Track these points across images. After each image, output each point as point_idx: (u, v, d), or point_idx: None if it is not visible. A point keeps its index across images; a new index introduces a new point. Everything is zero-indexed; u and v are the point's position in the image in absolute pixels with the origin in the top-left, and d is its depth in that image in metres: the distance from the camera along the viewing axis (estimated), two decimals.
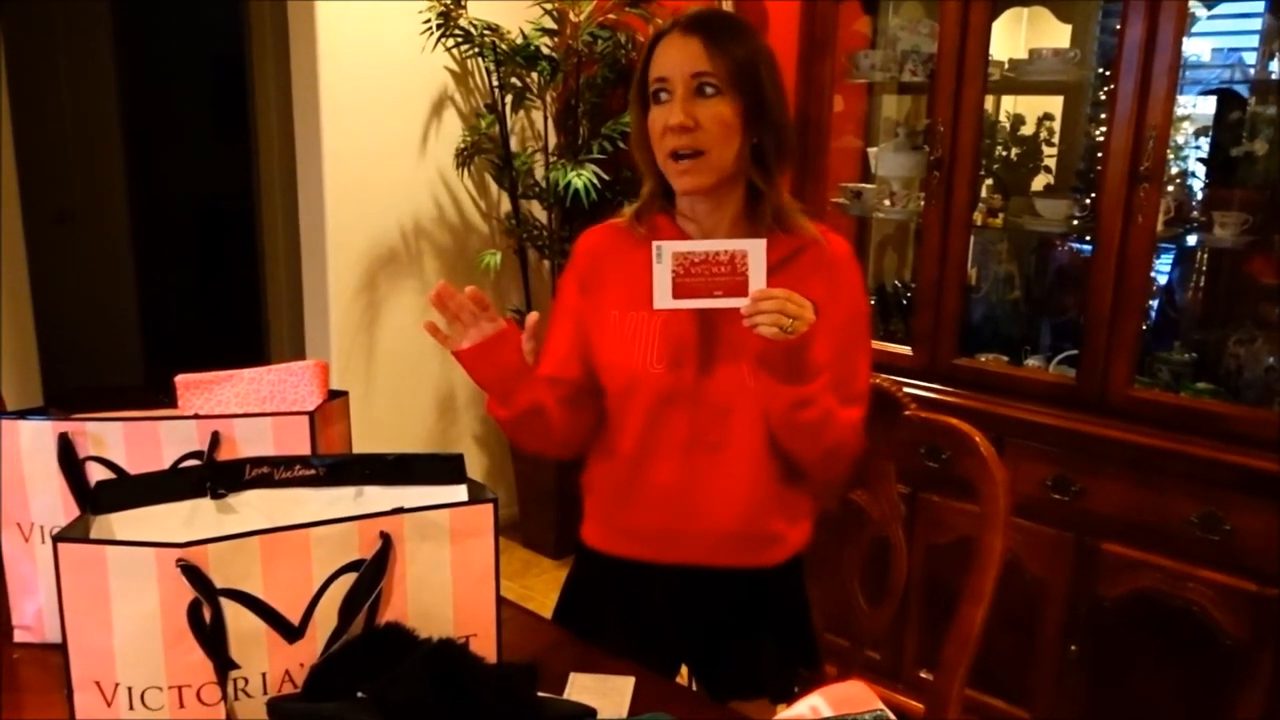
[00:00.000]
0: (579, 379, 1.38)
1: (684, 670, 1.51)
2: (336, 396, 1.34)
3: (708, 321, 1.32)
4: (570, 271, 1.44)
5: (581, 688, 1.16)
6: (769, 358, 1.25)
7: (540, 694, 0.96)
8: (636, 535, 1.39)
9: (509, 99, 3.15)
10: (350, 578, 0.97)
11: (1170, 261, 2.37)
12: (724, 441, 1.33)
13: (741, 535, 1.37)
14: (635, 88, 1.35)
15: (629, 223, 1.41)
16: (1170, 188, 2.19)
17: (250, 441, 1.21)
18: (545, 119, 3.27)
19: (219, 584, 0.91)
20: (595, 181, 2.99)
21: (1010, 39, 2.52)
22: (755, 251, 1.19)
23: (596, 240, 1.44)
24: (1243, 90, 2.22)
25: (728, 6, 2.89)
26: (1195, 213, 2.24)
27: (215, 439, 1.20)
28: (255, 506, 1.08)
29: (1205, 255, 2.35)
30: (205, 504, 1.07)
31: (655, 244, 1.20)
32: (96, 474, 1.18)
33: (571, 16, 3.08)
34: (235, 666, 0.93)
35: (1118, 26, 2.04)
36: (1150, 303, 2.24)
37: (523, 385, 1.28)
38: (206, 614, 0.91)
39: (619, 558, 1.42)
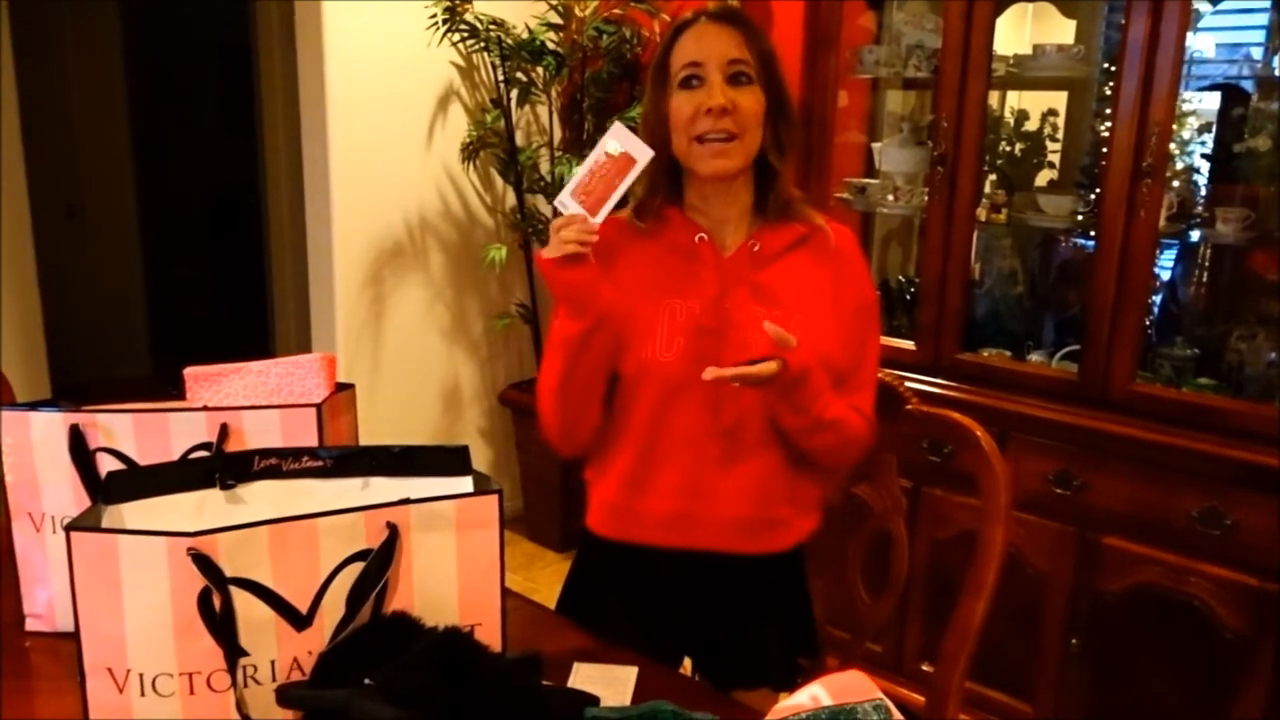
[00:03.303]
0: (606, 329, 1.38)
1: (687, 663, 1.52)
2: (343, 389, 1.35)
3: (719, 309, 1.33)
4: None
5: (585, 677, 1.17)
6: (777, 405, 1.30)
7: (544, 683, 0.97)
8: (645, 521, 1.40)
9: (514, 94, 3.16)
10: (357, 567, 0.98)
11: (1173, 257, 2.38)
12: (735, 428, 1.35)
13: (750, 520, 1.38)
14: (655, 73, 1.37)
15: (629, 219, 1.42)
16: (1174, 183, 2.19)
17: (258, 433, 1.23)
18: (550, 113, 3.28)
19: (229, 573, 0.92)
20: None
21: (1015, 34, 2.52)
22: (618, 133, 1.26)
23: (604, 233, 1.44)
24: (1248, 86, 2.22)
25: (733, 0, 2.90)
26: (1198, 208, 2.24)
27: (224, 431, 1.22)
28: (263, 497, 1.09)
29: (1208, 251, 2.35)
30: (214, 495, 1.09)
31: (556, 202, 1.28)
32: (107, 465, 1.20)
33: (577, 11, 3.09)
34: (245, 654, 0.95)
35: (1122, 22, 2.05)
36: (1153, 298, 2.24)
37: (599, 294, 1.30)
38: (216, 602, 0.92)
39: (626, 544, 1.43)
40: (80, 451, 1.20)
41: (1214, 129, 2.25)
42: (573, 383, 1.35)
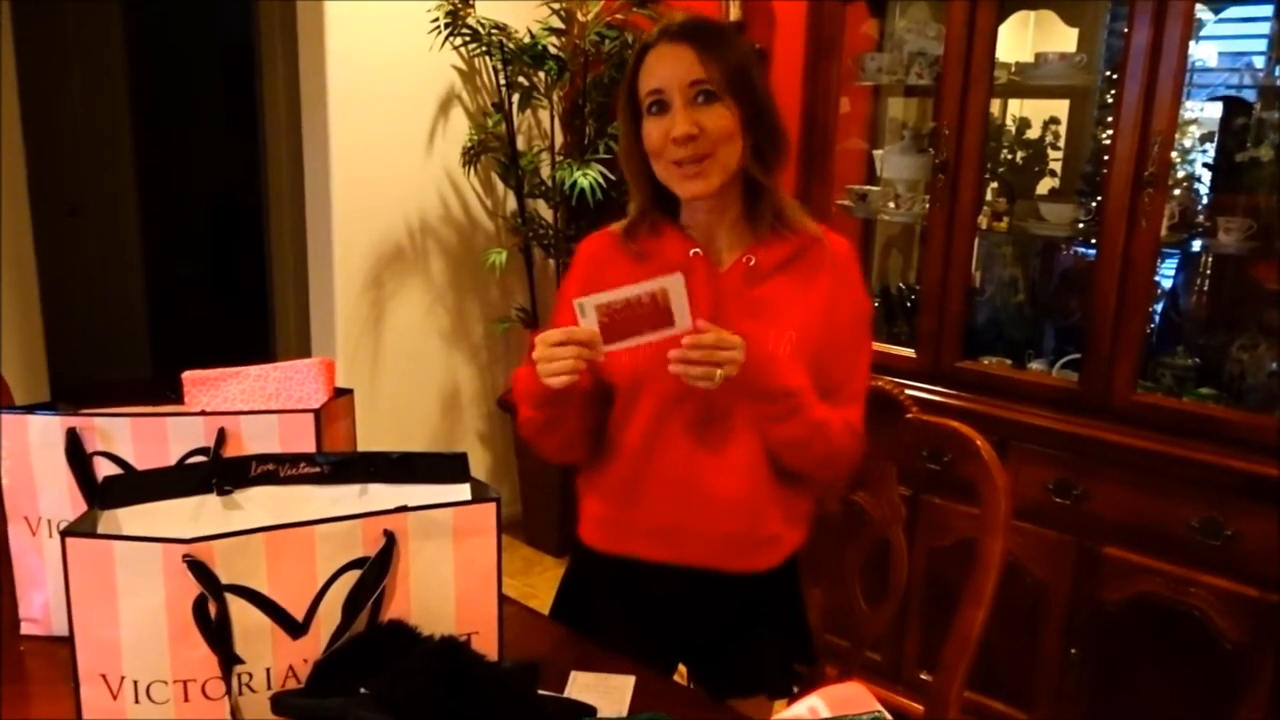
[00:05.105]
0: (587, 387, 1.38)
1: (683, 669, 1.52)
2: (342, 394, 1.35)
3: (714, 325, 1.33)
4: (572, 278, 1.44)
5: (582, 686, 1.17)
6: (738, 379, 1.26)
7: (541, 692, 0.97)
8: (637, 534, 1.39)
9: (516, 98, 3.16)
10: (354, 575, 0.98)
11: (1174, 266, 2.38)
12: (726, 443, 1.34)
13: (741, 537, 1.37)
14: (624, 100, 1.35)
15: (622, 240, 1.40)
16: (1176, 193, 2.19)
17: (256, 438, 1.22)
18: (552, 118, 3.28)
19: (225, 579, 0.92)
20: (601, 181, 3.00)
21: (1017, 42, 2.52)
22: (675, 288, 1.20)
23: (598, 246, 1.44)
24: (1250, 95, 2.22)
25: (735, 8, 2.90)
26: (1200, 218, 2.24)
27: (221, 436, 1.21)
28: (260, 503, 1.09)
29: (1209, 260, 2.35)
30: (211, 500, 1.08)
31: (576, 302, 1.22)
32: (104, 469, 1.19)
33: (579, 16, 3.09)
34: (240, 661, 0.94)
35: (1124, 30, 2.05)
36: (1154, 307, 2.24)
37: (570, 399, 1.31)
38: (212, 609, 0.92)
39: (618, 557, 1.42)
40: (77, 455, 1.19)
41: (1216, 138, 2.25)
42: (553, 440, 1.39)
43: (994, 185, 2.52)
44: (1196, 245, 2.26)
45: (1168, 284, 2.37)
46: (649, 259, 1.38)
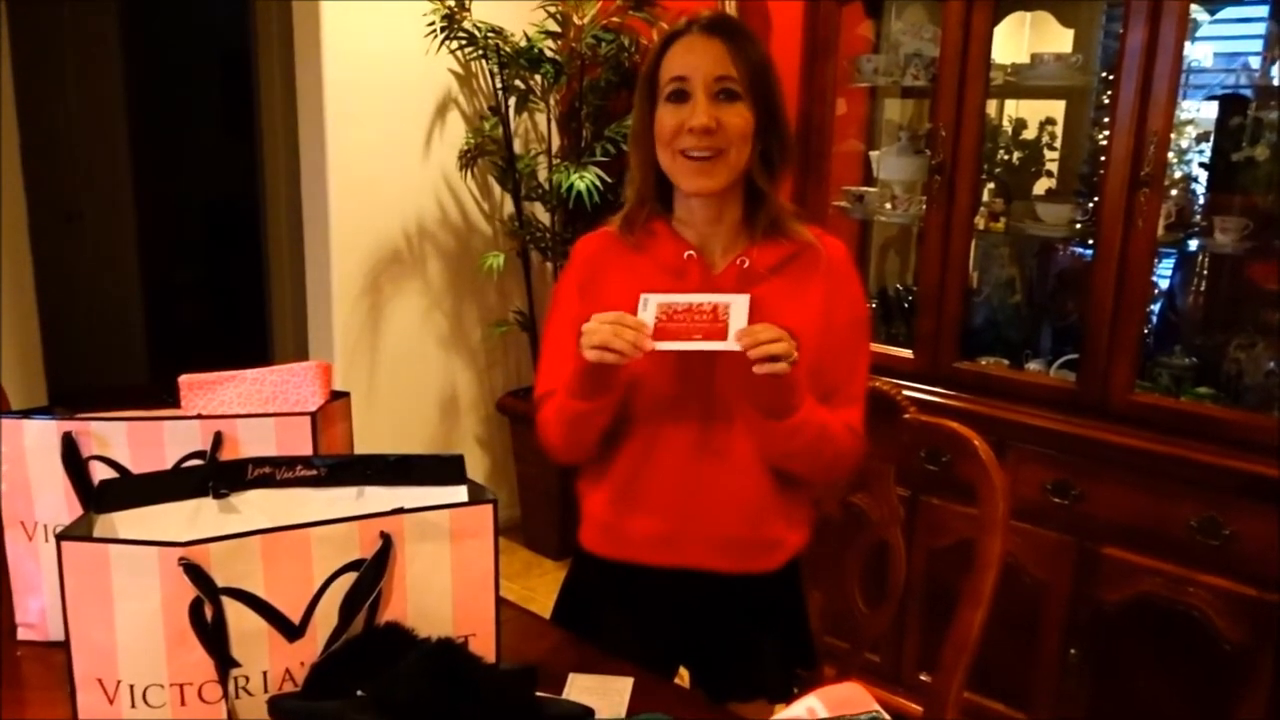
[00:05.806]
0: (621, 390, 1.36)
1: (683, 672, 1.51)
2: (338, 397, 1.35)
3: None
4: (569, 278, 1.43)
5: (580, 688, 1.17)
6: (762, 398, 1.26)
7: (539, 694, 0.97)
8: (637, 539, 1.39)
9: (512, 101, 3.16)
10: (351, 577, 0.97)
11: (1171, 266, 2.38)
12: (727, 447, 1.33)
13: (742, 540, 1.37)
14: (644, 84, 1.35)
15: (619, 232, 1.40)
16: (1172, 193, 2.19)
17: (252, 442, 1.22)
18: (549, 121, 3.28)
19: (221, 583, 0.92)
20: (598, 184, 3.00)
21: (1013, 43, 2.53)
22: (738, 305, 1.21)
23: (594, 246, 1.43)
24: (1246, 95, 2.22)
25: (731, 8, 2.90)
26: (1196, 218, 2.24)
27: (218, 439, 1.21)
28: (257, 506, 1.09)
29: (1206, 260, 2.35)
30: (207, 503, 1.08)
31: (642, 295, 1.23)
32: (100, 473, 1.19)
33: (575, 19, 3.09)
34: (236, 665, 0.94)
35: (1120, 31, 2.05)
36: (1151, 307, 2.24)
37: (620, 380, 1.30)
38: (208, 612, 0.92)
39: (619, 561, 1.42)
40: (73, 459, 1.19)
41: (1212, 138, 2.25)
42: (582, 434, 1.36)
43: (990, 186, 2.52)
44: (1193, 245, 2.26)
45: (1165, 284, 2.37)
46: (643, 255, 1.37)
